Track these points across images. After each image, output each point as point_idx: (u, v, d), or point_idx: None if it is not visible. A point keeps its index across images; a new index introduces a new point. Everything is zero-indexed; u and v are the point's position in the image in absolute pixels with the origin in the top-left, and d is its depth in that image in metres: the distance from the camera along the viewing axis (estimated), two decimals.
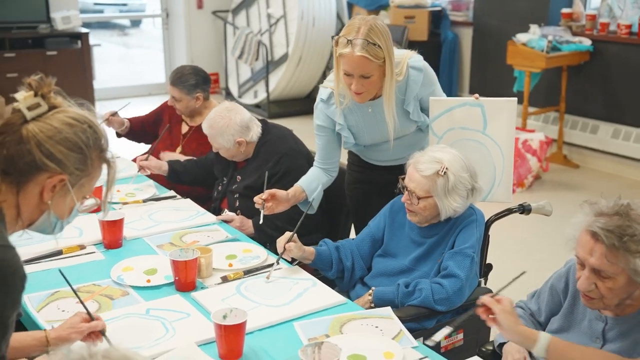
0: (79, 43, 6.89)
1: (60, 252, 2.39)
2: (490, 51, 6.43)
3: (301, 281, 2.25)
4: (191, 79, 3.35)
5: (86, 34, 6.90)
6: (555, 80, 5.83)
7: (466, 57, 6.83)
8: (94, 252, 2.43)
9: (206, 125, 2.90)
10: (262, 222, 2.54)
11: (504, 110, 2.51)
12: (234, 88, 7.79)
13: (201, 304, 2.09)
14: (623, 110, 5.58)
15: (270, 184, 2.69)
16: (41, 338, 1.69)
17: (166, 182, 3.20)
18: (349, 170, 2.88)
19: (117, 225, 2.46)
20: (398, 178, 2.37)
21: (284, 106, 7.26)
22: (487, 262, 2.48)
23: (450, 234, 2.31)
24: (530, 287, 2.15)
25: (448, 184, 2.24)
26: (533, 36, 5.58)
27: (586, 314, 1.88)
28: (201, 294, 2.15)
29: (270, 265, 2.34)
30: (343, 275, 2.46)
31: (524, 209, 2.44)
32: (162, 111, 3.58)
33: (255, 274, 2.30)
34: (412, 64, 2.47)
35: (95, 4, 12.11)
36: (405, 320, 2.11)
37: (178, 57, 8.15)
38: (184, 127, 3.49)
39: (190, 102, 3.37)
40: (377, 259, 2.46)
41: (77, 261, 2.36)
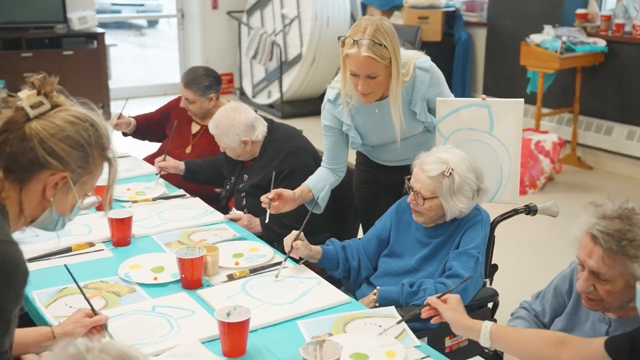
0: (95, 43, 6.96)
1: (69, 249, 2.43)
2: (504, 52, 6.40)
3: (306, 280, 2.27)
4: (205, 80, 3.36)
5: (102, 34, 6.96)
6: (570, 81, 5.80)
7: (480, 58, 6.81)
8: (103, 250, 2.46)
9: (212, 125, 2.93)
10: (270, 221, 2.57)
11: (511, 111, 2.50)
12: (248, 88, 7.82)
13: (206, 301, 2.11)
14: (638, 111, 5.54)
15: (277, 182, 2.71)
16: (47, 333, 1.72)
17: (177, 182, 3.22)
18: (357, 170, 2.90)
19: (126, 223, 2.49)
20: (404, 178, 2.38)
21: (297, 106, 7.28)
22: (493, 263, 2.48)
23: (456, 234, 2.31)
24: (536, 288, 2.15)
25: (454, 185, 2.24)
26: (547, 37, 5.56)
27: (589, 315, 1.88)
28: (207, 292, 2.17)
29: (276, 264, 2.36)
30: (349, 275, 2.47)
31: (530, 210, 2.43)
32: (169, 110, 3.59)
33: (261, 273, 2.32)
34: (419, 64, 2.47)
35: (113, 4, 12.21)
36: (409, 320, 2.12)
37: (193, 57, 8.20)
38: (194, 127, 3.51)
39: (204, 103, 3.39)
40: (383, 258, 2.47)
41: (86, 258, 2.40)
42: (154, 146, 3.71)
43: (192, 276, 2.19)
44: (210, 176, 3.21)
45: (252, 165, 2.99)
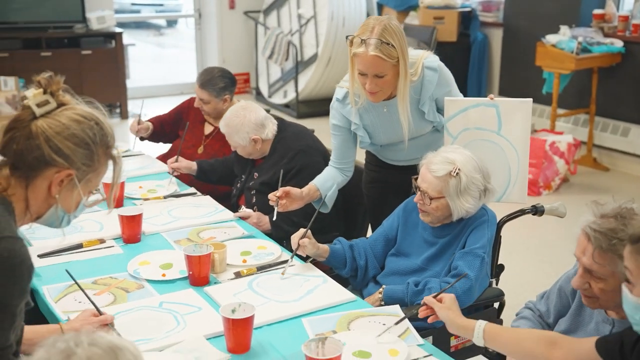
0: (113, 43, 7.02)
1: (80, 246, 2.46)
2: (520, 52, 6.37)
3: (312, 278, 2.29)
4: (220, 81, 3.38)
5: (120, 34, 7.03)
6: (586, 82, 5.76)
7: (496, 58, 6.79)
8: (113, 246, 2.50)
9: (223, 124, 2.96)
10: (279, 218, 2.59)
11: (519, 111, 2.50)
12: (264, 88, 7.85)
13: (213, 298, 2.14)
14: None
15: (286, 180, 2.73)
16: (56, 330, 1.75)
17: (188, 181, 3.25)
18: (366, 169, 2.91)
19: (136, 220, 2.52)
20: (411, 178, 2.38)
21: (312, 106, 7.30)
22: (499, 263, 2.48)
23: (462, 234, 2.32)
24: (544, 289, 2.14)
25: (460, 185, 2.25)
26: (563, 37, 5.52)
27: (593, 316, 1.87)
28: (214, 289, 2.20)
29: (284, 262, 2.38)
30: (356, 274, 2.48)
31: (537, 210, 2.43)
32: (182, 111, 3.62)
33: (268, 271, 2.34)
34: (427, 64, 2.48)
35: (133, 4, 12.31)
36: (413, 319, 2.13)
37: (210, 57, 8.25)
38: (207, 128, 3.54)
39: (219, 104, 3.41)
40: (390, 258, 2.48)
41: (97, 254, 2.43)
42: (166, 145, 3.74)
43: (200, 273, 2.22)
44: (222, 175, 3.24)
45: (263, 163, 3.02)
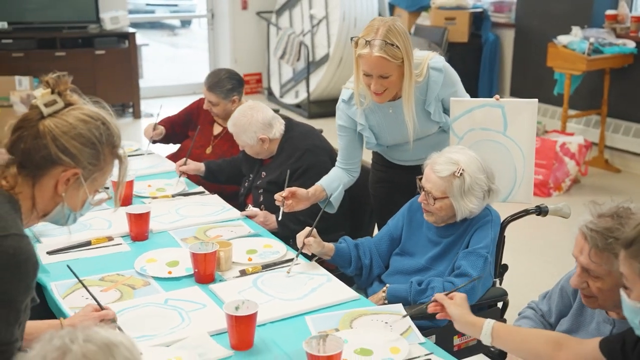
0: (126, 43, 7.08)
1: (89, 243, 2.50)
2: (532, 53, 6.35)
3: (316, 276, 2.31)
4: (228, 83, 3.40)
5: (133, 34, 7.08)
6: (598, 83, 5.73)
7: (507, 59, 6.77)
8: (121, 244, 2.53)
9: (230, 123, 2.99)
10: (285, 217, 2.61)
11: (525, 111, 2.51)
12: (275, 88, 7.88)
13: (218, 295, 2.16)
14: None
15: (293, 179, 2.75)
16: (56, 326, 1.78)
17: (196, 180, 3.28)
18: (373, 169, 2.92)
19: (144, 218, 2.55)
20: (415, 178, 2.40)
21: (324, 106, 7.31)
22: (503, 263, 2.49)
23: (466, 234, 2.33)
24: (547, 288, 2.15)
25: (464, 185, 2.26)
26: (574, 38, 5.50)
27: (594, 316, 1.88)
28: (219, 286, 2.22)
29: (289, 260, 2.40)
30: (361, 273, 2.50)
31: (541, 211, 2.43)
32: (192, 112, 3.64)
33: (273, 269, 2.36)
34: (433, 64, 2.49)
35: (147, 4, 12.40)
36: (417, 318, 2.15)
37: (222, 57, 8.30)
38: (216, 128, 3.57)
39: (227, 106, 3.43)
40: (395, 257, 2.49)
41: (105, 252, 2.47)
42: (176, 144, 3.77)
43: (205, 271, 2.24)
44: (229, 175, 3.27)
45: (270, 162, 3.04)
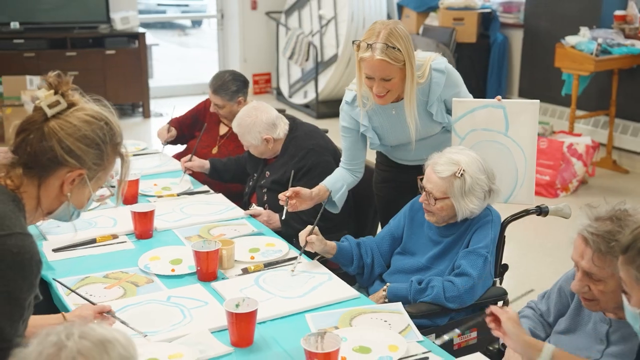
0: (136, 43, 7.14)
1: (94, 241, 2.53)
2: (540, 54, 6.35)
3: (317, 275, 2.33)
4: (232, 85, 3.42)
5: (143, 34, 7.14)
6: (606, 83, 5.72)
7: (516, 60, 6.76)
8: (126, 242, 2.56)
9: (235, 124, 3.02)
10: (288, 217, 2.64)
11: (527, 112, 2.52)
12: (284, 88, 7.92)
13: (220, 293, 2.19)
14: None
15: (296, 179, 2.78)
16: (58, 319, 1.82)
17: (202, 179, 3.31)
18: (377, 169, 2.94)
19: (148, 216, 2.58)
20: (417, 178, 2.42)
21: (332, 106, 7.32)
22: (504, 263, 2.50)
23: (466, 233, 2.35)
24: (546, 288, 2.16)
25: (465, 186, 2.27)
26: (582, 39, 5.49)
27: (592, 316, 1.89)
28: (221, 284, 2.25)
29: (290, 259, 2.43)
30: (363, 272, 2.52)
31: (541, 211, 2.44)
32: (199, 112, 3.68)
33: (275, 267, 2.39)
34: (435, 66, 2.51)
35: (159, 4, 12.47)
36: (417, 317, 2.17)
37: (232, 57, 8.34)
38: (222, 128, 3.59)
39: (234, 107, 3.44)
40: (396, 256, 2.51)
41: (109, 249, 2.50)
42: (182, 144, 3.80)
43: (207, 269, 2.27)
44: (234, 174, 3.30)
45: (274, 162, 3.07)
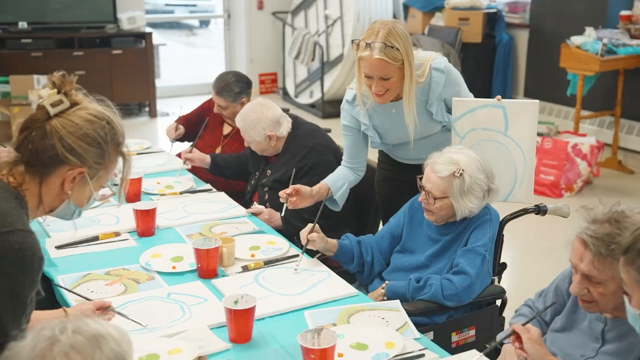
0: (143, 42, 7.18)
1: (96, 238, 2.56)
2: (546, 54, 6.35)
3: (317, 273, 2.35)
4: (236, 87, 3.44)
5: (150, 34, 7.18)
6: (612, 83, 5.72)
7: (521, 60, 6.77)
8: (128, 239, 2.59)
9: (239, 118, 3.04)
10: (289, 215, 2.66)
11: (526, 112, 2.53)
12: (290, 88, 7.94)
13: (220, 290, 2.21)
14: None
15: (298, 177, 2.80)
16: (59, 314, 1.84)
17: (205, 178, 3.33)
18: (379, 168, 2.95)
19: (150, 214, 2.61)
20: (417, 177, 2.43)
21: (338, 106, 7.19)
22: (502, 261, 2.51)
23: (465, 232, 2.36)
24: (543, 286, 2.17)
25: (464, 185, 2.29)
26: (588, 39, 5.49)
27: (587, 314, 1.90)
28: (221, 281, 2.27)
29: (291, 257, 2.45)
30: (363, 270, 2.54)
31: (540, 210, 2.45)
32: (204, 112, 3.70)
33: (275, 265, 2.41)
34: (435, 65, 2.52)
35: (166, 4, 12.52)
36: (415, 314, 2.18)
37: (238, 57, 8.37)
38: (226, 128, 3.62)
39: (237, 108, 3.44)
40: (396, 254, 2.53)
41: (112, 247, 2.53)
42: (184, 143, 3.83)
43: (208, 266, 2.29)
44: (236, 171, 3.32)
45: (276, 160, 3.09)
